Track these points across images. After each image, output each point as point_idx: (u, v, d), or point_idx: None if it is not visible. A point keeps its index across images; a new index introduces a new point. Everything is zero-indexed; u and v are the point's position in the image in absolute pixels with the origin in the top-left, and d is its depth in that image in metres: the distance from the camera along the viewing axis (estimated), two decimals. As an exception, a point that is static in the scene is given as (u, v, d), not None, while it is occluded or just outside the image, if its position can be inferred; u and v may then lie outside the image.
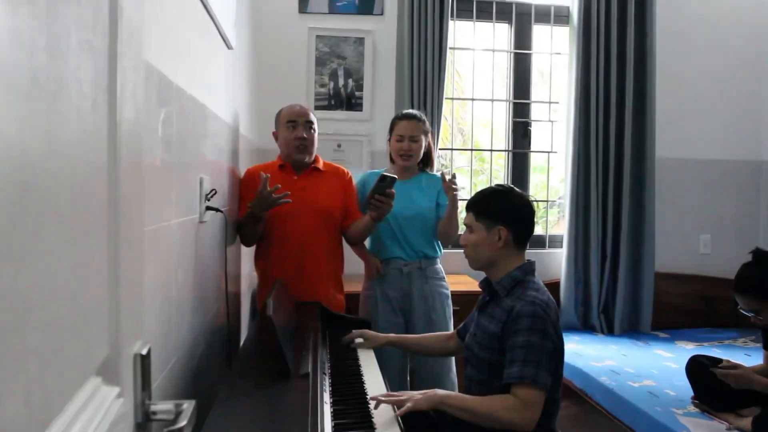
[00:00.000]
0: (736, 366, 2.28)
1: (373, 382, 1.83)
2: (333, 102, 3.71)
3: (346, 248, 2.67)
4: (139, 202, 0.83)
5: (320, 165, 2.56)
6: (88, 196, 0.63)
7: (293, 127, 2.46)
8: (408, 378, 2.72)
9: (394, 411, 1.60)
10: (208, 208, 1.86)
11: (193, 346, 1.74)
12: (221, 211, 2.01)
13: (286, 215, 2.36)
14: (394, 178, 2.30)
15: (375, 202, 2.33)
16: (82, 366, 0.62)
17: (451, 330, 2.68)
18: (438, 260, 2.74)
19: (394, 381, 2.42)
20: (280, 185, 2.22)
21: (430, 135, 2.78)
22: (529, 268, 1.86)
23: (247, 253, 2.72)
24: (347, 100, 3.72)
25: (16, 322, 0.46)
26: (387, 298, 2.67)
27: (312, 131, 2.50)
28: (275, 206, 2.24)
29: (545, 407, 1.68)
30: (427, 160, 2.78)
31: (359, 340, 2.15)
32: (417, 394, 1.65)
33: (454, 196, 2.58)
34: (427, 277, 2.67)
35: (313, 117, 2.52)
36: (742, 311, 2.32)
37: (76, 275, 0.59)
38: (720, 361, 2.38)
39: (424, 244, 2.68)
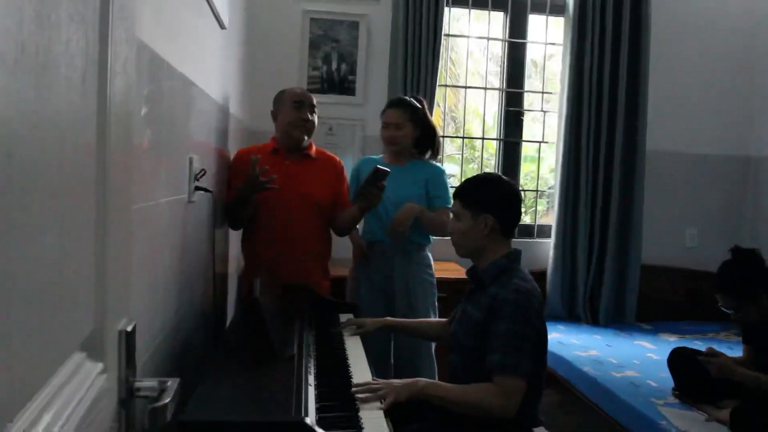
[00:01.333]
0: (718, 354, 2.31)
1: (358, 365, 1.84)
2: (326, 85, 3.69)
3: (335, 232, 2.66)
4: (127, 179, 0.82)
5: (313, 152, 2.55)
6: (76, 170, 0.62)
7: (299, 107, 2.45)
8: (392, 361, 2.73)
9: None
10: (197, 188, 1.85)
11: (179, 326, 1.73)
12: (210, 192, 2.00)
13: (274, 201, 2.35)
14: (387, 171, 2.30)
15: (365, 193, 2.34)
16: (66, 341, 0.62)
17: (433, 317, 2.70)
18: (426, 248, 2.74)
19: (378, 362, 2.43)
20: (267, 167, 2.21)
21: (427, 119, 2.72)
22: (515, 256, 1.87)
23: (235, 235, 2.71)
24: (340, 84, 3.70)
25: (0, 295, 0.45)
26: (370, 281, 2.69)
27: (314, 115, 2.49)
28: (263, 190, 2.23)
29: (529, 395, 1.70)
30: (432, 145, 2.74)
31: (354, 327, 2.16)
32: (398, 384, 1.66)
33: (403, 233, 2.54)
34: (411, 262, 2.67)
35: (315, 101, 2.52)
36: (722, 309, 2.36)
37: (62, 250, 0.59)
38: (702, 353, 2.41)
39: (410, 230, 2.67)
